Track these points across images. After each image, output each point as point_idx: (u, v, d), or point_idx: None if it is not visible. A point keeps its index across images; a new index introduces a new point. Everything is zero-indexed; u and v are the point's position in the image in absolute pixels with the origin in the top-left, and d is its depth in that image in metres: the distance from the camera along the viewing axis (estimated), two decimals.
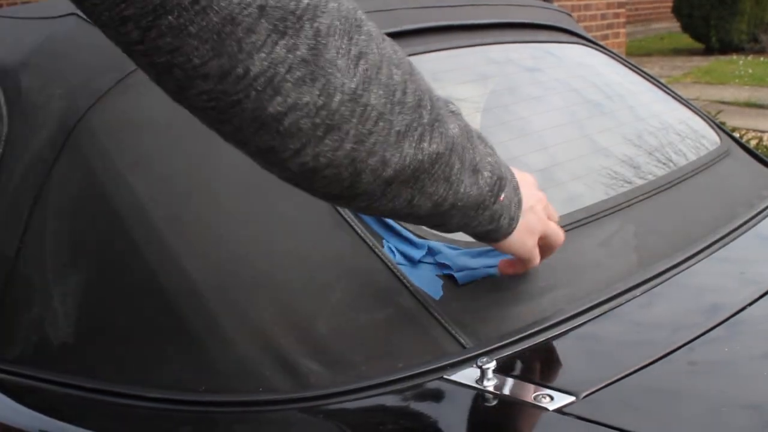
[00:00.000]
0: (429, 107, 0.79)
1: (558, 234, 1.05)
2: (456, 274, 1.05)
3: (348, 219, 1.05)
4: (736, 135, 2.14)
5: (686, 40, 11.27)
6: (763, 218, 1.41)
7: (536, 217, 0.99)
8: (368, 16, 0.74)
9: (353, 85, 0.70)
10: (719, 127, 1.72)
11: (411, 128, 0.76)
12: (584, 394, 0.89)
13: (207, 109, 0.69)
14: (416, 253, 1.05)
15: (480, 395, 0.91)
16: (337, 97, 0.69)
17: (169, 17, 0.63)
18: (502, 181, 0.90)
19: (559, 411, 0.87)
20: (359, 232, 1.04)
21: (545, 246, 1.04)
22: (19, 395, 1.10)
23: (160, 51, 0.65)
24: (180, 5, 0.63)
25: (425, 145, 0.78)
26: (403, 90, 0.75)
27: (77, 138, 1.08)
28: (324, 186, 0.76)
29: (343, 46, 0.69)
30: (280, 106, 0.68)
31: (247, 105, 0.67)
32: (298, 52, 0.66)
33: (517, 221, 0.95)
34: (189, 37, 0.64)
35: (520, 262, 1.03)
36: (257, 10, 0.64)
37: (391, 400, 0.94)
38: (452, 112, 0.85)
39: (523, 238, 0.98)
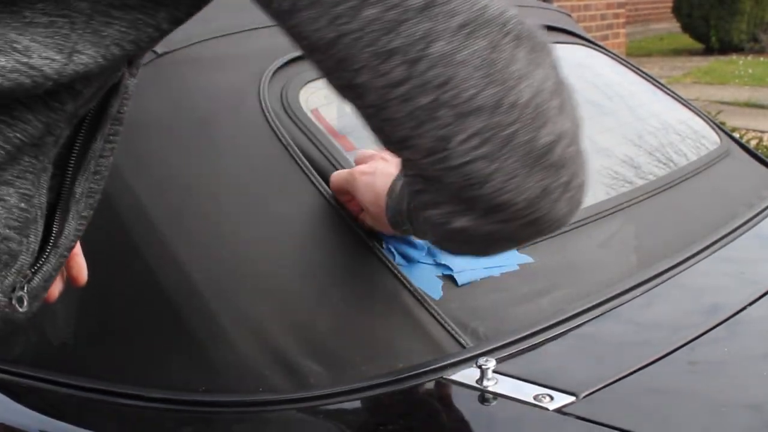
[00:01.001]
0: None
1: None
2: (456, 275, 1.05)
3: (348, 219, 1.05)
4: (736, 135, 2.14)
5: (686, 41, 11.27)
6: (763, 218, 1.41)
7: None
8: None
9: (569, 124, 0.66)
10: (719, 128, 1.72)
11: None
12: (584, 394, 0.89)
13: (474, 161, 0.61)
14: (416, 254, 1.05)
15: (480, 395, 0.91)
16: (577, 123, 0.66)
17: (440, 42, 0.59)
18: None
19: (559, 411, 0.87)
20: (359, 232, 1.04)
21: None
22: (19, 395, 1.10)
23: (427, 87, 0.59)
24: (448, 29, 0.59)
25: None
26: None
27: None
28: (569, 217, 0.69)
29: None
30: (549, 135, 0.62)
31: (521, 138, 0.61)
32: (550, 83, 0.63)
33: None
34: (460, 66, 0.59)
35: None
36: (514, 40, 0.61)
37: (391, 400, 0.94)
38: None
39: None
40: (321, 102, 1.20)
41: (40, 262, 0.74)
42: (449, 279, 1.05)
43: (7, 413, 1.07)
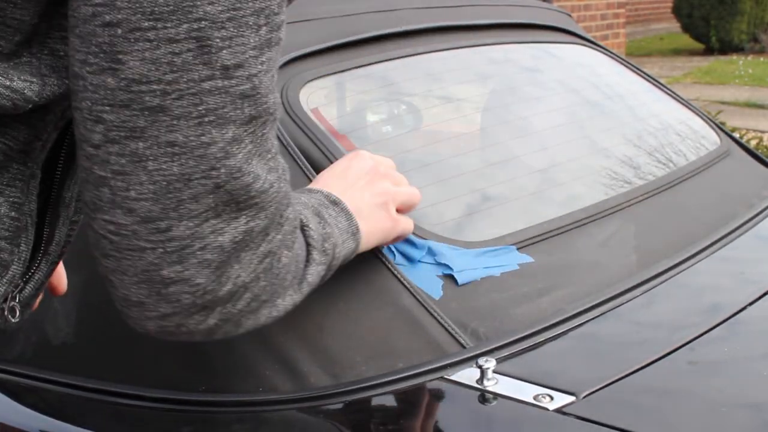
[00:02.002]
0: (296, 272, 0.79)
1: (411, 196, 1.03)
2: (456, 274, 1.05)
3: None
4: (736, 135, 2.14)
5: (686, 41, 11.27)
6: (763, 218, 1.41)
7: (383, 213, 0.98)
8: (370, 16, 0.73)
9: (247, 279, 0.70)
10: (719, 128, 1.72)
11: (274, 295, 0.76)
12: (584, 394, 0.89)
13: (104, 237, 0.66)
14: (416, 253, 1.05)
15: (480, 395, 0.91)
16: (227, 287, 0.69)
17: (140, 143, 0.62)
18: (335, 249, 0.88)
19: (559, 411, 0.87)
20: None
21: (406, 209, 1.03)
22: (19, 395, 1.10)
23: (106, 165, 0.63)
24: (156, 138, 0.62)
25: (279, 301, 0.77)
26: (285, 271, 0.75)
27: None
28: (173, 339, 0.75)
29: (256, 242, 0.69)
30: (174, 273, 0.66)
31: (148, 257, 0.65)
32: (220, 238, 0.66)
33: (359, 236, 0.94)
34: (142, 171, 0.62)
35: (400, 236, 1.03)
36: (212, 186, 0.64)
37: (391, 400, 0.94)
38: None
39: (377, 233, 0.98)
40: (321, 101, 1.20)
41: (32, 271, 0.74)
42: (449, 279, 1.05)
43: (7, 413, 1.07)
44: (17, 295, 0.73)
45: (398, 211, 1.01)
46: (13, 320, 0.73)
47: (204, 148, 0.63)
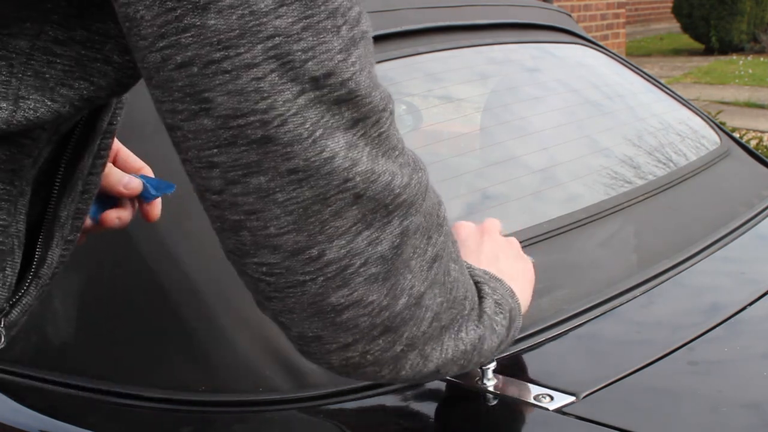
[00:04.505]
0: (471, 297, 0.75)
1: (533, 271, 0.98)
2: None
3: None
4: (736, 135, 2.14)
5: (686, 41, 11.27)
6: (763, 218, 1.41)
7: (528, 292, 0.94)
8: (370, 16, 0.73)
9: (422, 289, 0.66)
10: (719, 128, 1.72)
11: (455, 321, 0.72)
12: (584, 394, 0.89)
13: (260, 281, 0.63)
14: None
15: (480, 395, 0.91)
16: (403, 300, 0.65)
17: (261, 178, 0.58)
18: (513, 322, 0.83)
19: (559, 411, 0.87)
20: None
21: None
22: (19, 395, 1.10)
23: (236, 208, 0.60)
24: (276, 169, 0.58)
25: (463, 335, 0.73)
26: (457, 287, 0.72)
27: None
28: (359, 376, 0.71)
29: (421, 246, 0.66)
30: (343, 298, 0.63)
31: (310, 289, 0.62)
32: (379, 248, 0.62)
33: (516, 298, 0.87)
34: (273, 205, 0.59)
35: None
36: (352, 197, 0.60)
37: (391, 400, 0.94)
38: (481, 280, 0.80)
39: (528, 286, 0.94)
40: None
41: (19, 295, 0.68)
42: None
43: (7, 413, 1.07)
44: (2, 320, 0.67)
45: None
46: None
47: (329, 164, 0.58)
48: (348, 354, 0.66)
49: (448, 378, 0.94)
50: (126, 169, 0.85)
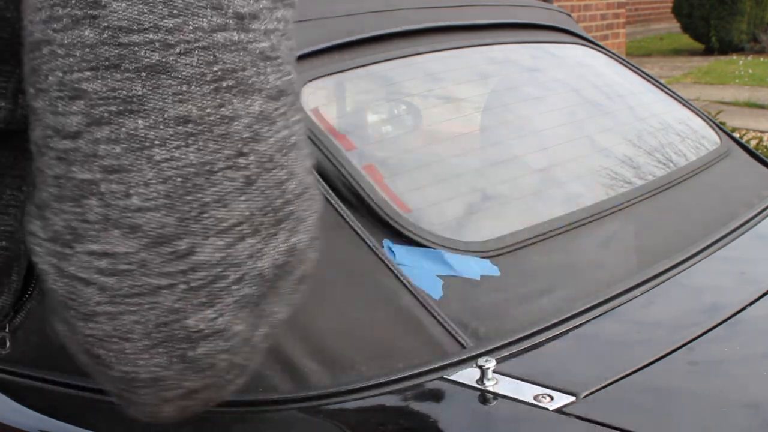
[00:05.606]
0: None
1: None
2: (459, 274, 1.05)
3: (348, 219, 1.05)
4: (736, 135, 2.14)
5: (686, 41, 11.27)
6: (763, 218, 1.41)
7: None
8: (370, 16, 0.73)
9: (285, 316, 0.57)
10: (719, 128, 1.72)
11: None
12: (584, 394, 0.89)
13: (90, 283, 0.48)
14: (416, 254, 1.05)
15: (480, 395, 0.91)
16: (262, 331, 0.55)
17: (139, 121, 0.44)
18: None
19: (559, 411, 0.87)
20: (359, 232, 1.04)
21: None
22: (19, 395, 1.10)
23: (92, 163, 0.45)
24: (162, 112, 0.45)
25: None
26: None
27: None
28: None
29: (297, 268, 0.55)
30: (203, 323, 0.49)
31: (164, 301, 0.48)
32: (260, 264, 0.50)
33: None
34: (147, 163, 0.45)
35: None
36: (243, 181, 0.48)
37: (391, 400, 0.94)
38: None
39: None
40: (321, 101, 1.20)
41: (24, 299, 0.65)
42: (449, 279, 1.05)
43: (7, 413, 1.07)
44: (6, 325, 0.63)
45: None
46: (2, 351, 0.67)
47: (226, 124, 0.46)
48: (188, 403, 0.53)
49: (448, 378, 0.94)
50: None
